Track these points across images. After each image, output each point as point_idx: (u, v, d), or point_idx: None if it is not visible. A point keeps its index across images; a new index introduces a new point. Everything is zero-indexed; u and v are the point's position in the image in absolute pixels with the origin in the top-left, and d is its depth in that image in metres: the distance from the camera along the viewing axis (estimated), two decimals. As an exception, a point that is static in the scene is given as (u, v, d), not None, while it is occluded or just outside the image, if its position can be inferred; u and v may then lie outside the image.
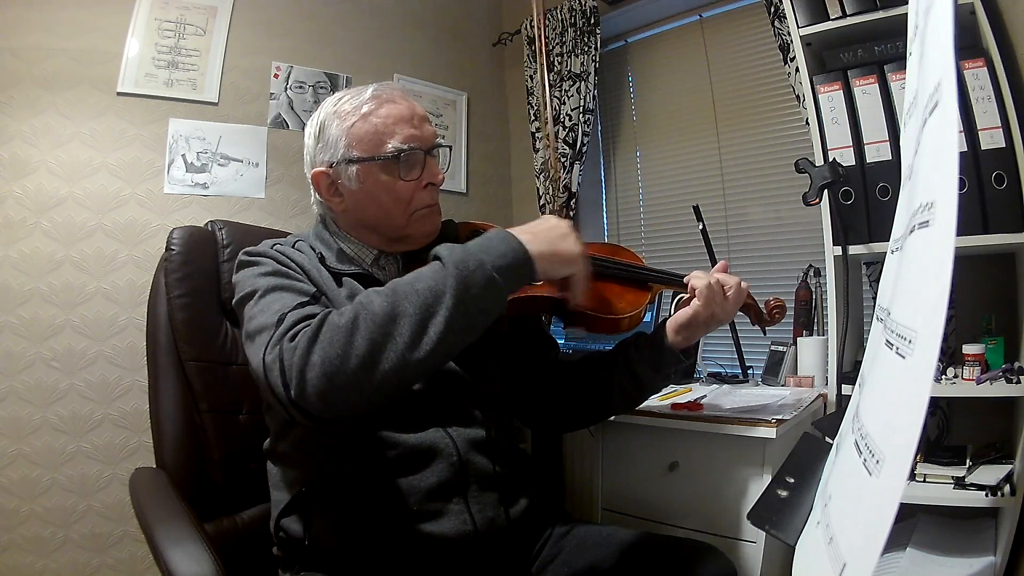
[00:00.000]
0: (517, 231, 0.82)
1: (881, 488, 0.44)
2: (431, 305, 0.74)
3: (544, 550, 0.95)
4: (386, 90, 0.95)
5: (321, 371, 0.72)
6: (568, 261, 0.84)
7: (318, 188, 0.96)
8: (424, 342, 0.73)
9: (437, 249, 0.80)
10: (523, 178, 2.44)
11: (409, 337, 0.73)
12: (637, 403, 1.09)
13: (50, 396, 1.57)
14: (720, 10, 2.04)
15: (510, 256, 0.78)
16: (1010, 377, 1.13)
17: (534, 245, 0.80)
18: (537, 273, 0.81)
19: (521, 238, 0.80)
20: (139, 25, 1.71)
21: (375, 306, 0.74)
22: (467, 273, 0.75)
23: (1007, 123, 1.15)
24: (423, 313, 0.73)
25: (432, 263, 0.78)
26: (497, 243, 0.79)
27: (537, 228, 0.84)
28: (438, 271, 0.76)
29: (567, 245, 0.84)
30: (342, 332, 0.73)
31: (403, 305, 0.74)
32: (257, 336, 0.80)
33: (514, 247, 0.79)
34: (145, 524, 0.89)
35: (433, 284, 0.75)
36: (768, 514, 0.75)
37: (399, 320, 0.73)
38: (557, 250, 0.83)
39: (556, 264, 0.83)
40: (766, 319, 1.10)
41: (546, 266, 0.82)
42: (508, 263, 0.78)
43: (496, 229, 0.84)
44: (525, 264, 0.79)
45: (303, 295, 0.84)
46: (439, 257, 0.78)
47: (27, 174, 1.57)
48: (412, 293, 0.75)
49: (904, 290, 0.52)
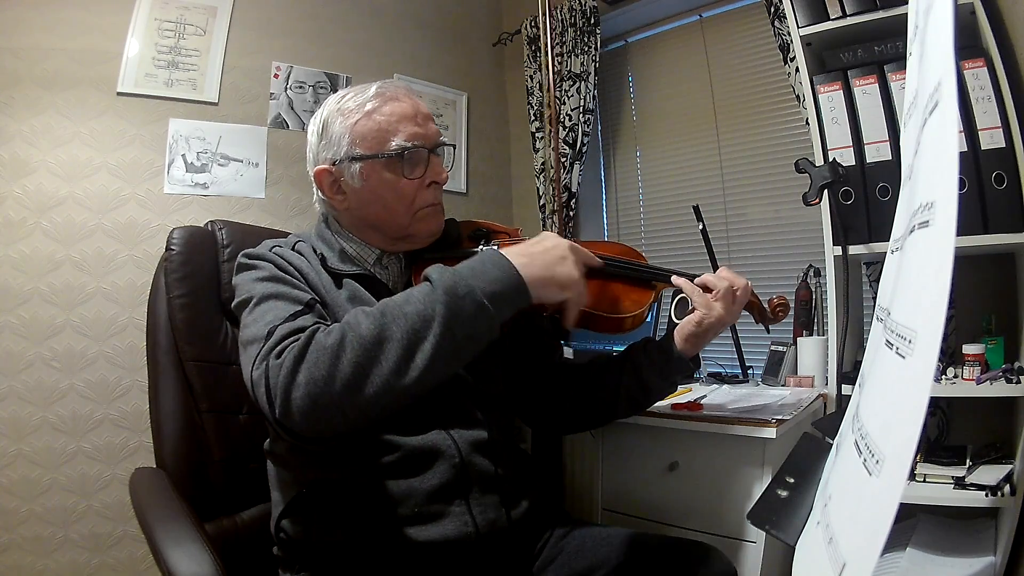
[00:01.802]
0: (513, 252, 0.80)
1: (881, 488, 0.44)
2: (419, 330, 0.72)
3: (544, 551, 0.95)
4: (390, 88, 0.94)
5: (305, 392, 0.71)
6: (563, 286, 0.82)
7: (321, 186, 0.95)
8: (411, 368, 0.72)
9: (428, 271, 0.78)
10: (523, 178, 2.44)
11: (395, 362, 0.72)
12: (643, 408, 1.08)
13: (50, 396, 1.57)
14: (720, 10, 2.04)
15: (503, 282, 0.76)
16: (1010, 377, 1.13)
17: (529, 269, 0.78)
18: (531, 299, 0.79)
19: (516, 262, 0.78)
20: (139, 25, 1.71)
21: (362, 328, 0.73)
22: (456, 299, 0.73)
23: (1007, 123, 1.15)
24: (410, 338, 0.72)
25: (422, 284, 0.77)
26: (490, 267, 0.77)
27: (533, 250, 0.82)
28: (428, 294, 0.75)
29: (564, 269, 0.82)
30: (328, 353, 0.72)
31: (391, 328, 0.73)
32: (248, 347, 0.80)
33: (507, 272, 0.77)
34: (145, 524, 0.89)
35: (422, 308, 0.73)
36: (768, 514, 0.74)
37: (386, 344, 0.72)
38: (553, 275, 0.81)
39: (551, 289, 0.81)
40: (769, 317, 1.10)
41: (540, 291, 0.80)
42: (500, 289, 0.76)
43: (490, 250, 0.81)
44: (518, 290, 0.77)
45: (297, 303, 0.83)
46: (430, 279, 0.77)
47: (27, 174, 1.57)
48: (400, 316, 0.73)
49: (904, 290, 0.52)
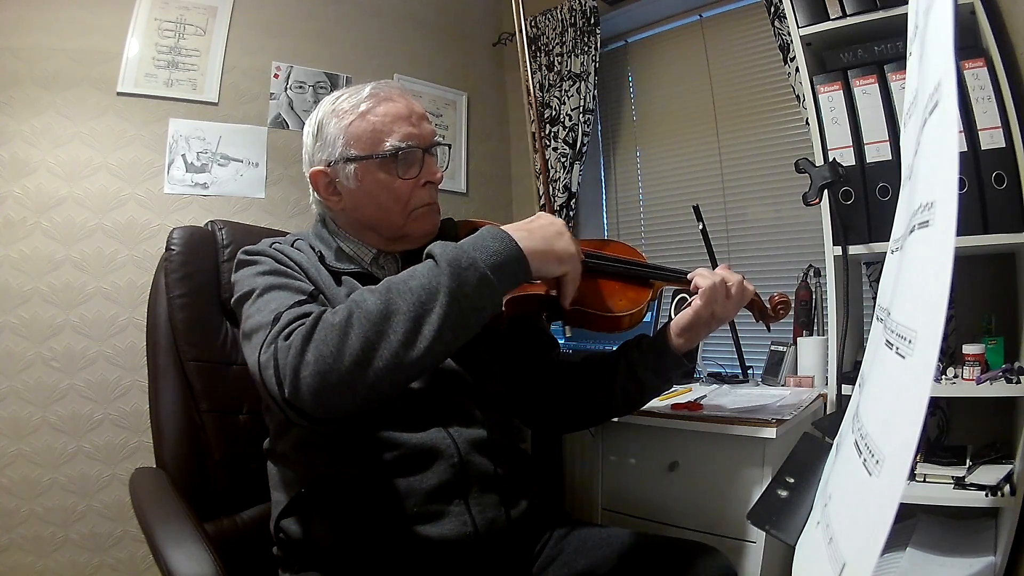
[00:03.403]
0: (511, 228, 0.82)
1: (881, 488, 0.44)
2: (425, 303, 0.73)
3: (544, 551, 0.95)
4: (384, 88, 0.95)
5: (315, 369, 0.71)
6: (562, 259, 0.84)
7: (316, 187, 0.95)
8: (419, 340, 0.72)
9: (431, 247, 0.79)
10: (523, 178, 2.44)
11: (403, 335, 0.72)
12: (639, 405, 1.08)
13: (50, 396, 1.57)
14: (720, 10, 2.04)
15: (504, 254, 0.77)
16: (1010, 377, 1.13)
17: (528, 242, 0.80)
18: (531, 271, 0.80)
19: (515, 235, 0.80)
20: (139, 25, 1.71)
21: (369, 304, 0.73)
22: (460, 271, 0.74)
23: (1007, 123, 1.15)
24: (417, 311, 0.73)
25: (426, 261, 0.78)
26: (491, 241, 0.78)
27: (531, 225, 0.84)
28: (432, 269, 0.76)
29: (561, 243, 0.84)
30: (336, 330, 0.72)
31: (397, 303, 0.73)
32: (253, 335, 0.80)
33: (508, 245, 0.78)
34: (145, 524, 0.89)
35: (427, 282, 0.74)
36: (768, 514, 0.75)
37: (393, 318, 0.72)
38: (551, 248, 0.83)
39: (550, 262, 0.83)
40: (770, 315, 1.10)
41: (540, 264, 0.81)
42: (502, 261, 0.77)
43: (489, 226, 0.83)
44: (519, 262, 0.79)
45: (300, 293, 0.84)
46: (432, 255, 0.77)
47: (27, 174, 1.57)
48: (406, 291, 0.74)
49: (904, 290, 0.52)
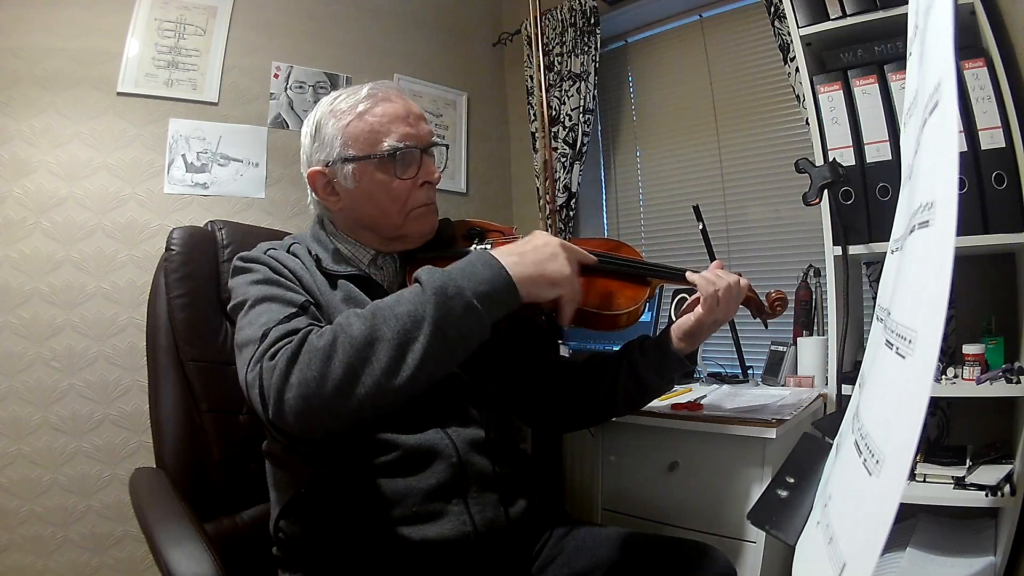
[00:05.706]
0: (503, 252, 0.81)
1: (881, 488, 0.44)
2: (410, 331, 0.73)
3: (544, 551, 0.95)
4: (382, 88, 0.95)
5: (298, 393, 0.72)
6: (555, 283, 0.82)
7: (314, 187, 0.95)
8: (402, 369, 0.72)
9: (418, 272, 0.78)
10: (523, 178, 2.44)
11: (387, 363, 0.72)
12: (640, 406, 1.08)
13: (50, 396, 1.57)
14: (720, 10, 2.04)
15: (492, 282, 0.77)
16: (1010, 377, 1.13)
17: (518, 268, 0.79)
18: (521, 298, 0.79)
19: (505, 261, 0.78)
20: (139, 25, 1.71)
21: (354, 329, 0.73)
22: (446, 299, 0.74)
23: (1007, 123, 1.15)
24: (401, 339, 0.73)
25: (413, 286, 0.78)
26: (480, 268, 0.77)
27: (524, 248, 0.82)
28: (418, 295, 0.75)
29: (555, 266, 0.82)
30: (320, 354, 0.72)
31: (382, 329, 0.73)
32: (243, 349, 0.81)
33: (496, 272, 0.77)
34: (145, 524, 0.89)
35: (412, 309, 0.74)
36: (768, 514, 0.75)
37: (377, 345, 0.72)
38: (543, 272, 0.81)
39: (542, 286, 0.81)
40: (767, 312, 1.10)
41: (531, 289, 0.80)
42: (489, 289, 0.76)
43: (480, 251, 0.82)
44: (508, 290, 0.78)
45: (291, 306, 0.83)
46: (419, 281, 0.77)
47: (27, 174, 1.57)
48: (391, 317, 0.74)
49: (904, 290, 0.52)
